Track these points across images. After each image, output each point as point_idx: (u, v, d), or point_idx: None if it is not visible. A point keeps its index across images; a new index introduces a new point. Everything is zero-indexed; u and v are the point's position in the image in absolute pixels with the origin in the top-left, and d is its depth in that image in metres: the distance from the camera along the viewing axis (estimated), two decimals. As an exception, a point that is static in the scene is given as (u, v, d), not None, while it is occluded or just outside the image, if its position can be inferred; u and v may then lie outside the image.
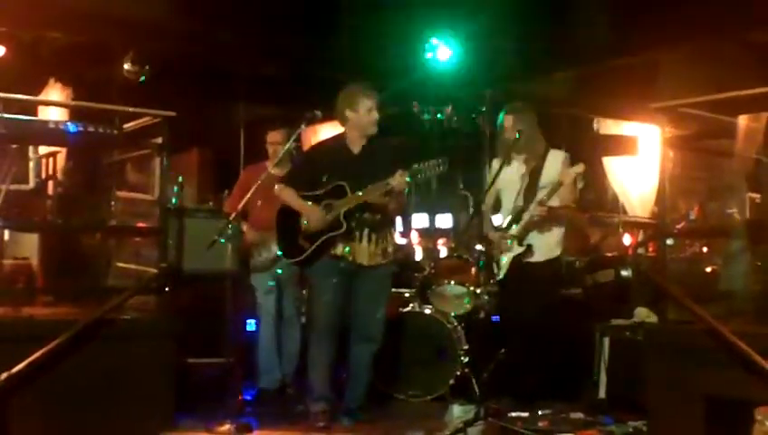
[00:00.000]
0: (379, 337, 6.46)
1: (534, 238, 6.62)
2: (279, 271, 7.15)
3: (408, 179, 6.00)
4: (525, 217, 6.60)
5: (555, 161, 6.61)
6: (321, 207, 6.26)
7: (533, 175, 6.60)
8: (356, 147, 6.41)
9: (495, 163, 6.90)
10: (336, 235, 6.22)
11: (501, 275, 6.81)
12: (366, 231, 6.28)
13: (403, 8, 9.08)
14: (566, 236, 6.89)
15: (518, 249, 6.64)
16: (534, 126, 6.79)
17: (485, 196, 6.92)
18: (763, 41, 8.36)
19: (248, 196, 6.38)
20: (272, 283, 7.19)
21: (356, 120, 6.34)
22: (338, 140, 6.52)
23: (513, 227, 6.67)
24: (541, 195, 6.48)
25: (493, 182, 6.78)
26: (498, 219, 7.00)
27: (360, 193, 6.15)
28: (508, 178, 6.78)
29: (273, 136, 7.37)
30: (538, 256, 6.63)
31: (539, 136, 6.79)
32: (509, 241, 6.67)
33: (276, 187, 6.51)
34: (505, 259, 6.72)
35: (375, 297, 6.44)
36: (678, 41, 8.43)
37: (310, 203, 6.30)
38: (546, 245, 6.65)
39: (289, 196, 6.44)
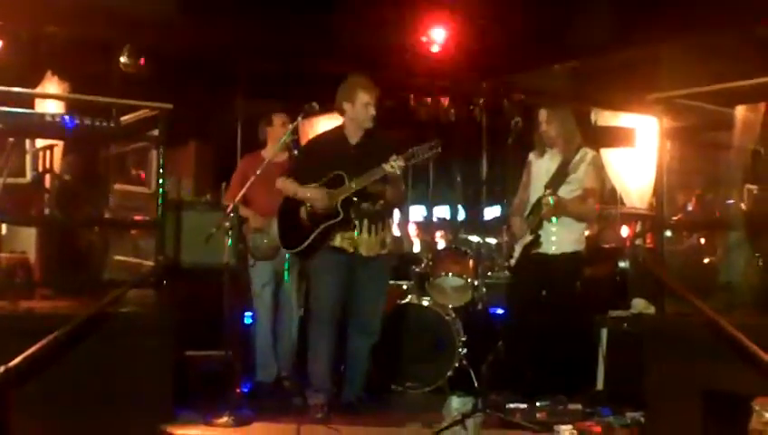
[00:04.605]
0: (377, 329, 6.47)
1: (550, 230, 6.61)
2: (285, 263, 7.12)
3: (401, 163, 6.01)
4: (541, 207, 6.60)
5: (581, 158, 6.58)
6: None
7: (561, 169, 6.58)
8: (354, 139, 6.42)
9: (531, 156, 6.92)
10: (334, 223, 6.23)
11: (512, 263, 6.82)
12: (365, 221, 6.29)
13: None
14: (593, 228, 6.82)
15: (528, 238, 6.64)
16: (569, 122, 6.77)
17: (520, 188, 6.95)
18: (762, 34, 8.36)
19: (247, 185, 6.38)
20: (267, 278, 7.17)
21: (352, 114, 6.35)
22: (336, 132, 6.53)
23: (531, 217, 6.68)
24: (564, 188, 6.49)
25: (527, 174, 6.88)
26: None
27: (357, 181, 6.16)
28: (539, 170, 6.79)
29: (280, 117, 7.30)
30: (552, 249, 6.61)
31: (574, 132, 6.77)
32: (525, 230, 6.68)
33: (278, 180, 6.51)
34: (518, 247, 6.73)
35: (374, 289, 6.45)
36: (677, 33, 8.42)
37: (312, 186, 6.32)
38: (561, 238, 6.62)
39: (289, 187, 6.45)
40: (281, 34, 9.31)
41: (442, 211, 12.07)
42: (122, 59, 9.27)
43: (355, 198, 6.21)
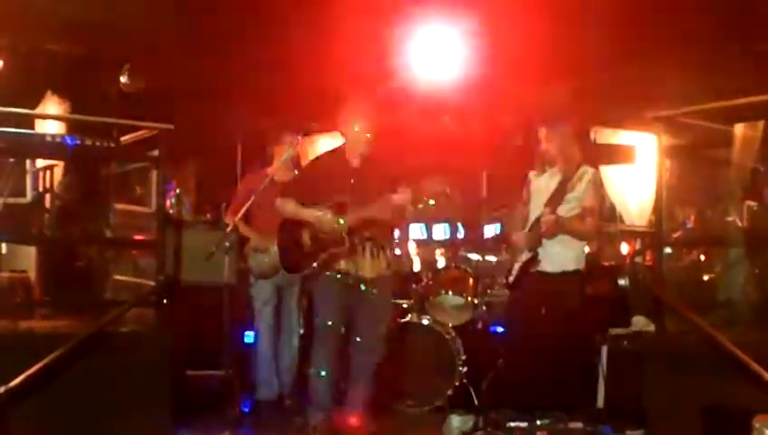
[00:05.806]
0: (381, 349, 6.45)
1: (549, 248, 6.59)
2: (280, 279, 7.11)
3: (409, 196, 5.98)
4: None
5: (582, 176, 6.57)
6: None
7: (560, 187, 6.57)
8: (355, 161, 6.41)
9: (530, 174, 6.92)
10: (338, 251, 6.22)
11: (511, 281, 6.82)
12: (368, 245, 6.27)
13: (396, 16, 9.10)
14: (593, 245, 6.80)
15: (526, 256, 6.63)
16: (569, 140, 6.76)
17: (519, 205, 6.96)
18: (761, 50, 8.37)
19: (248, 203, 6.39)
20: (268, 296, 7.17)
21: (352, 138, 6.36)
22: (336, 154, 6.52)
23: (530, 234, 6.67)
24: (563, 207, 6.49)
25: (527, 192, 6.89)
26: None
27: (363, 211, 6.14)
28: (538, 188, 6.79)
29: (289, 137, 7.30)
30: (550, 267, 6.59)
31: (574, 150, 6.75)
32: (524, 248, 6.68)
33: (278, 201, 6.49)
34: (516, 265, 6.72)
35: (377, 309, 6.43)
36: (677, 51, 8.43)
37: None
38: (560, 256, 6.60)
39: (292, 208, 6.41)
40: (281, 52, 9.33)
41: (441, 229, 12.04)
42: (123, 79, 9.29)
43: (360, 226, 6.21)
